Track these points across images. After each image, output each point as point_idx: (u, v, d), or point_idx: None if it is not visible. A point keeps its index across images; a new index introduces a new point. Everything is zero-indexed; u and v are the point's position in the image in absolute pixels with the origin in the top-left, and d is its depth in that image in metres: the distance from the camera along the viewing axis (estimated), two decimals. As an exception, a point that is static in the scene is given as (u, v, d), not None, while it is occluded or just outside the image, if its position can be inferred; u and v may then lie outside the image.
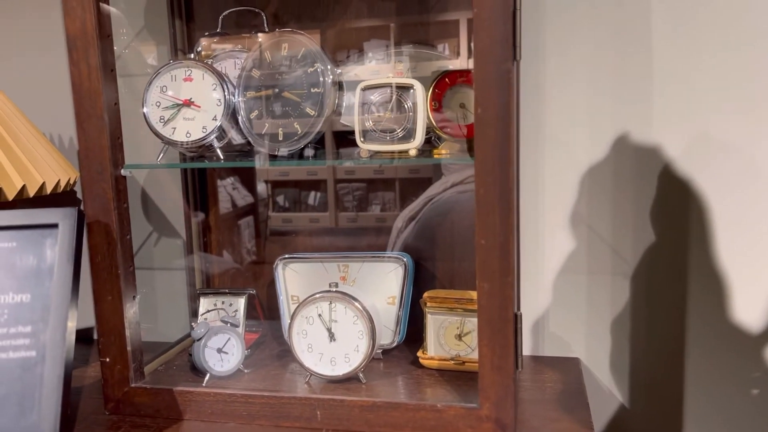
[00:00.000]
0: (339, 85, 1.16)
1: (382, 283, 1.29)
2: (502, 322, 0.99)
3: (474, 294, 1.08)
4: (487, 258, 0.98)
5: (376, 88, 1.11)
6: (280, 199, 1.45)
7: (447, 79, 1.15)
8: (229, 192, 1.48)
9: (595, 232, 1.32)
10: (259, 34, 1.19)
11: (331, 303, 1.17)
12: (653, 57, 1.24)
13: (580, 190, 1.31)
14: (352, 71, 1.32)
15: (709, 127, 1.24)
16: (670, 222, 1.28)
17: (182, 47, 1.40)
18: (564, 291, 1.35)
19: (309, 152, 1.15)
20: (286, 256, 1.33)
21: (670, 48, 1.23)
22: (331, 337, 1.17)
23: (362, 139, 1.12)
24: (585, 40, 1.26)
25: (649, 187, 1.28)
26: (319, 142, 1.31)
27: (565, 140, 1.29)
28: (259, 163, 1.17)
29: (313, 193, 1.43)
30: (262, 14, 1.30)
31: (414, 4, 1.29)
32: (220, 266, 1.49)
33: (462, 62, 1.28)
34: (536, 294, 1.36)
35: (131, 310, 1.16)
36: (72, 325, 1.04)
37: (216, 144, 1.18)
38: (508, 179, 0.96)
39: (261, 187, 1.46)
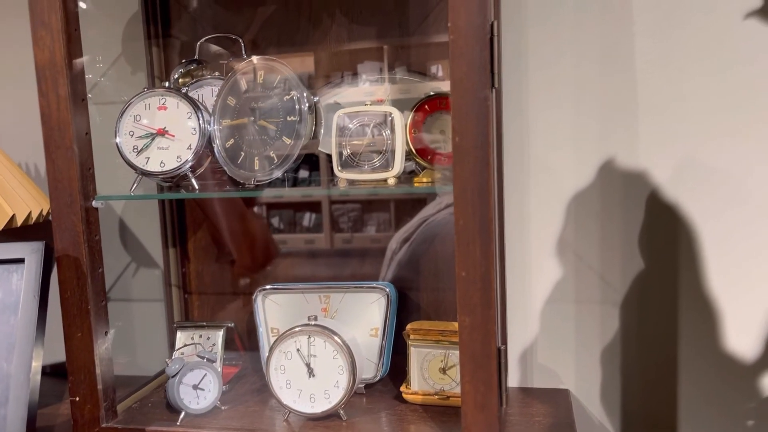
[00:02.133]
0: (316, 113, 1.14)
1: (365, 314, 1.25)
2: (484, 357, 0.95)
3: (457, 327, 1.04)
4: (468, 291, 0.95)
5: (355, 115, 1.08)
6: (275, 221, 1.41)
7: (427, 106, 1.13)
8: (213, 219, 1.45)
9: (583, 260, 1.29)
10: (237, 63, 1.16)
11: (309, 337, 1.13)
12: (637, 81, 1.22)
13: (566, 216, 1.28)
14: (346, 93, 1.29)
15: (695, 151, 1.21)
16: (658, 248, 1.25)
17: (159, 74, 1.38)
18: (552, 320, 1.31)
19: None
20: (267, 287, 1.29)
21: (655, 72, 1.21)
22: (310, 372, 1.13)
23: (339, 168, 1.09)
24: (569, 66, 1.24)
25: (636, 213, 1.25)
26: (314, 166, 1.28)
27: (550, 166, 1.27)
28: (233, 194, 1.14)
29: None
30: (240, 41, 1.27)
31: (408, 27, 1.27)
32: (199, 297, 1.45)
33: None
34: (524, 323, 1.32)
35: (103, 347, 1.12)
36: (37, 365, 1.00)
37: (191, 174, 1.15)
38: (487, 209, 0.93)
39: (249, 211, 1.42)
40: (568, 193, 1.27)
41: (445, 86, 1.25)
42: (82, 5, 1.10)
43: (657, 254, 1.25)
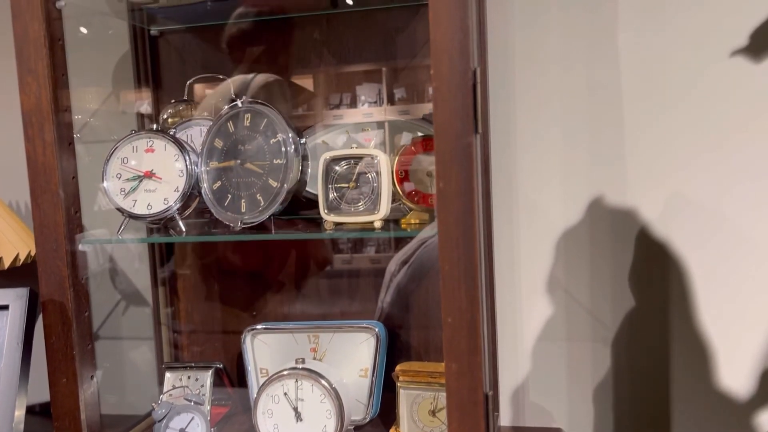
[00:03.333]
0: (303, 155, 1.14)
1: (354, 354, 1.24)
2: (471, 404, 0.94)
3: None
4: (454, 337, 0.94)
5: (341, 159, 1.08)
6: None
7: (413, 147, 1.13)
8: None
9: (573, 298, 1.28)
10: (225, 106, 1.17)
11: (297, 381, 1.12)
12: (624, 119, 1.23)
13: (556, 254, 1.28)
14: (345, 114, 1.30)
15: (684, 188, 1.21)
16: (649, 285, 1.24)
17: (149, 114, 1.38)
18: (543, 359, 1.30)
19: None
20: (256, 326, 1.28)
21: (641, 109, 1.22)
22: (298, 416, 1.11)
23: (326, 211, 1.09)
24: (557, 106, 1.25)
25: (626, 250, 1.25)
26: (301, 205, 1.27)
27: (539, 204, 1.27)
28: (221, 238, 1.14)
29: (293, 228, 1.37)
30: (229, 81, 1.28)
31: (405, 49, 1.28)
32: (189, 335, 1.44)
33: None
34: (515, 362, 1.31)
35: (88, 391, 1.11)
36: (20, 414, 0.99)
37: (178, 217, 1.15)
38: (473, 255, 0.93)
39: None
40: (557, 231, 1.27)
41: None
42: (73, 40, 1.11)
43: (647, 291, 1.25)
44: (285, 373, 1.12)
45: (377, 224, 1.06)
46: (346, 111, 1.30)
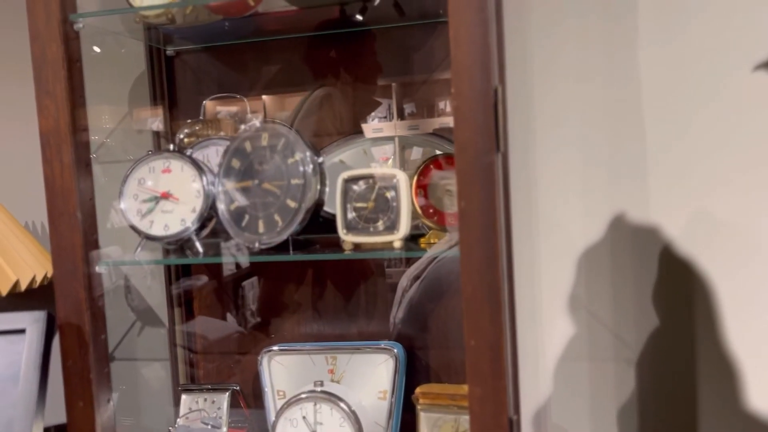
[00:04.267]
0: (321, 173, 1.13)
1: (372, 376, 1.22)
2: (495, 429, 0.92)
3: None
4: (478, 360, 0.92)
5: (359, 178, 1.07)
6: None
7: (432, 166, 1.11)
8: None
9: (595, 317, 1.25)
10: (242, 125, 1.16)
11: (316, 404, 1.10)
12: (646, 134, 1.21)
13: (577, 273, 1.25)
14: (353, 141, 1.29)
15: (708, 204, 1.19)
16: (673, 305, 1.22)
17: (165, 134, 1.38)
18: (565, 379, 1.27)
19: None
20: (272, 348, 1.26)
21: (663, 123, 1.20)
22: (317, 440, 1.09)
23: (345, 231, 1.08)
24: (575, 121, 1.23)
25: (649, 268, 1.22)
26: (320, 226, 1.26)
27: (559, 222, 1.25)
28: (238, 259, 1.13)
29: (311, 248, 1.36)
30: (245, 101, 1.28)
31: (416, 65, 1.27)
32: (205, 356, 1.43)
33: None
34: (536, 383, 1.28)
35: (105, 416, 1.10)
36: (37, 439, 0.98)
37: (195, 237, 1.14)
38: (496, 276, 0.91)
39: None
40: (577, 248, 1.25)
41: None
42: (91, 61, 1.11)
43: (672, 310, 1.22)
44: (303, 396, 1.10)
45: (397, 244, 1.05)
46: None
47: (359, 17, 1.18)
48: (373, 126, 1.28)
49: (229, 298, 1.41)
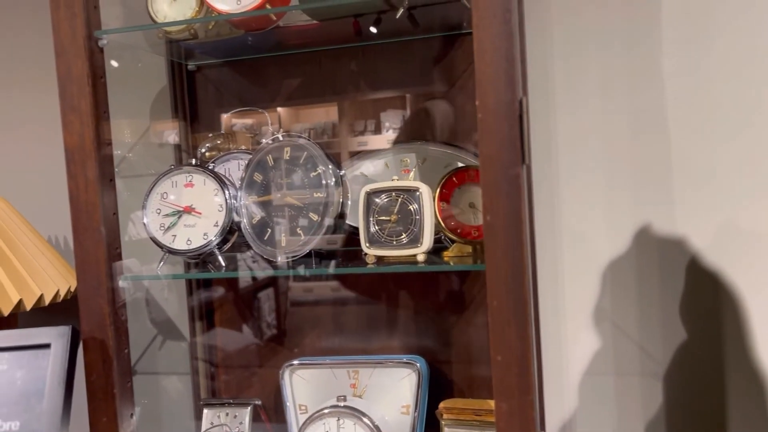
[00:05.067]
0: (343, 187, 1.12)
1: (395, 390, 1.21)
2: (523, 446, 0.90)
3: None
4: (504, 376, 0.91)
5: (381, 191, 1.07)
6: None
7: (455, 178, 1.11)
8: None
9: (621, 330, 1.23)
10: (263, 139, 1.16)
11: (339, 419, 1.09)
12: (671, 145, 1.19)
13: (602, 285, 1.24)
14: (369, 141, 1.29)
15: (736, 216, 1.17)
16: (701, 318, 1.20)
17: (186, 148, 1.39)
18: (591, 394, 1.25)
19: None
20: (294, 362, 1.26)
21: (689, 135, 1.18)
22: (340, 456, 1.08)
23: (368, 244, 1.07)
24: (598, 131, 1.22)
25: (676, 281, 1.20)
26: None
27: (583, 234, 1.23)
28: (260, 272, 1.13)
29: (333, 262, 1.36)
30: (266, 114, 1.28)
31: (429, 75, 1.27)
32: (226, 370, 1.42)
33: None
34: (561, 397, 1.27)
35: (128, 430, 1.09)
36: (62, 455, 0.98)
37: (217, 251, 1.14)
38: (522, 289, 0.90)
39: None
40: (602, 260, 1.23)
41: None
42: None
43: (699, 323, 1.20)
44: (326, 411, 1.09)
45: (420, 258, 1.04)
46: (370, 137, 1.29)
47: (373, 29, 1.18)
48: (388, 137, 1.28)
49: (249, 311, 1.41)
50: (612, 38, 1.21)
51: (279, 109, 1.34)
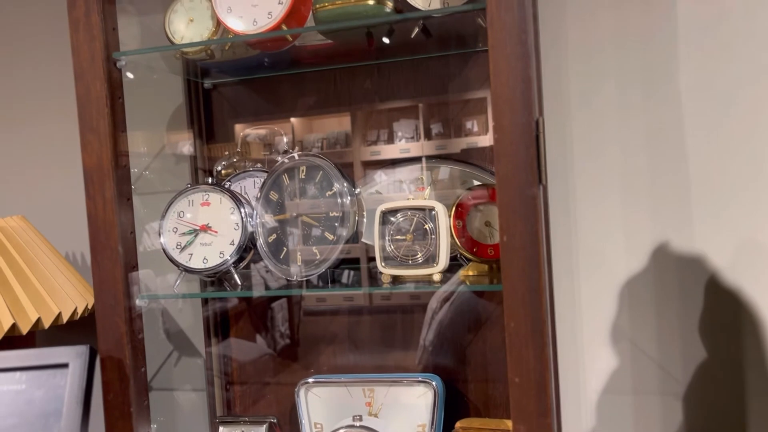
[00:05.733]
0: (358, 206, 1.12)
1: (411, 409, 1.20)
2: (542, 470, 0.89)
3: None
4: (522, 397, 0.90)
5: (397, 210, 1.07)
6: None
7: (471, 197, 1.10)
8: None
9: (640, 348, 1.22)
10: (279, 157, 1.17)
11: (355, 439, 1.08)
12: (689, 162, 1.18)
13: (619, 303, 1.22)
14: (382, 150, 1.29)
15: (756, 234, 1.15)
16: (721, 336, 1.18)
17: (203, 165, 1.39)
18: (609, 413, 1.24)
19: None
20: (309, 380, 1.25)
21: (707, 151, 1.17)
22: (356, 477, 1.08)
23: (383, 264, 1.07)
24: (614, 149, 1.21)
25: (695, 299, 1.19)
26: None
27: (600, 252, 1.22)
28: (276, 292, 1.13)
29: (346, 271, 1.36)
30: (282, 134, 1.29)
31: (441, 85, 1.27)
32: (241, 387, 1.42)
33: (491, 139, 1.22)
34: (579, 416, 1.25)
35: (144, 449, 1.10)
36: (79, 475, 0.98)
37: (233, 270, 1.14)
38: (540, 311, 0.89)
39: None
40: (620, 278, 1.22)
41: (481, 141, 1.23)
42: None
43: (720, 342, 1.18)
44: (342, 430, 1.09)
45: (436, 277, 1.04)
46: (383, 147, 1.30)
47: (386, 40, 1.18)
48: (401, 146, 1.28)
49: (264, 328, 1.41)
50: (628, 55, 1.20)
51: (292, 119, 1.35)
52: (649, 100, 1.19)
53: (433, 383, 1.20)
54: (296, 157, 1.13)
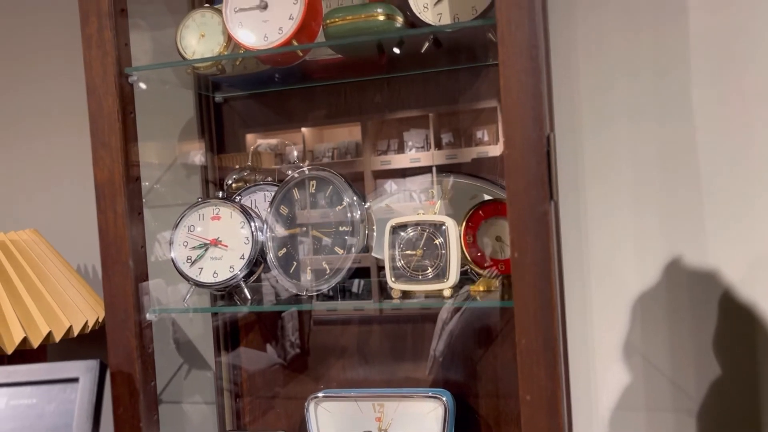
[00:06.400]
0: (368, 220, 1.12)
1: (421, 424, 1.19)
2: (553, 489, 0.88)
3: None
4: (534, 416, 0.89)
5: (407, 225, 1.06)
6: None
7: (481, 211, 1.10)
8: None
9: (652, 364, 1.21)
10: (289, 171, 1.17)
11: (364, 455, 1.08)
12: (701, 176, 1.17)
13: (632, 318, 1.21)
14: (392, 160, 1.29)
15: (769, 248, 1.14)
16: (735, 352, 1.16)
17: (213, 179, 1.40)
18: (621, 430, 1.22)
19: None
20: (319, 394, 1.25)
21: (719, 166, 1.16)
22: (366, 493, 1.07)
23: (393, 279, 1.06)
24: (626, 164, 1.20)
25: (709, 314, 1.18)
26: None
27: (612, 267, 1.21)
28: (286, 306, 1.13)
29: (356, 281, 1.35)
30: (293, 146, 1.29)
31: (451, 98, 1.27)
32: (251, 401, 1.42)
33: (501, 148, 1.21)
34: (591, 432, 1.24)
35: (154, 464, 1.10)
36: (89, 490, 0.98)
37: (243, 284, 1.14)
38: (551, 328, 0.88)
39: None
40: (632, 293, 1.21)
41: (491, 150, 1.23)
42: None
43: (734, 358, 1.17)
44: (352, 446, 1.08)
45: (446, 293, 1.03)
46: (393, 156, 1.30)
47: (396, 50, 1.18)
48: (411, 156, 1.28)
49: (274, 341, 1.40)
50: (640, 69, 1.20)
51: (303, 129, 1.35)
52: (662, 114, 1.19)
53: (444, 399, 1.19)
54: (306, 171, 1.13)
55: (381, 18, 1.03)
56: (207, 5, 1.20)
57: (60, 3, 1.55)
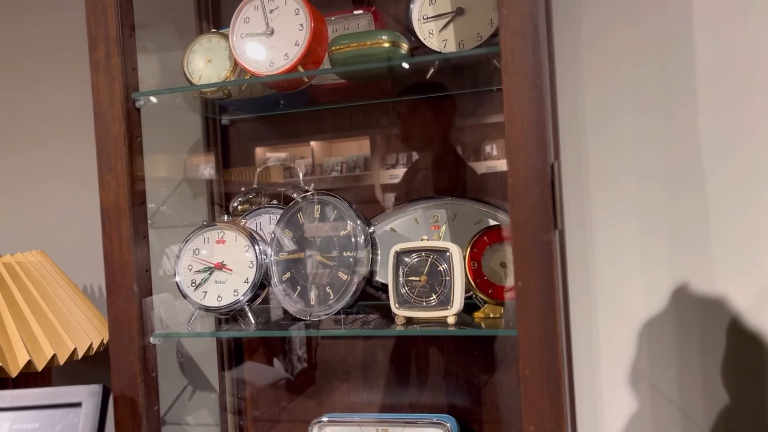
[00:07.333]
0: (372, 245, 1.12)
1: (425, 451, 1.18)
2: None
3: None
4: (538, 447, 0.88)
5: (411, 251, 1.06)
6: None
7: (486, 237, 1.09)
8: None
9: (660, 392, 1.19)
10: (295, 194, 1.17)
11: (367, 483, 1.07)
12: (708, 202, 1.16)
13: (639, 344, 1.20)
14: (401, 174, 1.30)
15: (779, 275, 1.13)
16: (744, 380, 1.15)
17: (219, 200, 1.40)
18: (629, 458, 1.21)
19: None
20: (323, 418, 1.24)
21: (726, 190, 1.15)
22: None
23: (397, 305, 1.06)
24: (633, 189, 1.20)
25: (717, 341, 1.16)
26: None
27: (619, 293, 1.20)
28: (289, 333, 1.12)
29: (362, 322, 1.35)
30: (298, 169, 1.29)
31: (457, 121, 1.27)
32: (254, 423, 1.41)
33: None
34: (597, 460, 1.22)
35: (156, 489, 1.09)
36: None
37: (247, 308, 1.14)
38: (556, 358, 0.87)
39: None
40: (639, 320, 1.20)
41: (499, 164, 1.23)
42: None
43: (743, 385, 1.15)
44: (355, 474, 1.07)
45: (451, 320, 1.02)
46: (402, 171, 1.30)
47: (405, 65, 1.19)
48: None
49: (278, 360, 1.40)
50: (646, 95, 1.19)
51: (312, 143, 1.35)
52: (668, 140, 1.18)
53: (448, 424, 1.18)
54: (311, 196, 1.14)
55: (386, 45, 1.03)
56: (214, 30, 1.21)
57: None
